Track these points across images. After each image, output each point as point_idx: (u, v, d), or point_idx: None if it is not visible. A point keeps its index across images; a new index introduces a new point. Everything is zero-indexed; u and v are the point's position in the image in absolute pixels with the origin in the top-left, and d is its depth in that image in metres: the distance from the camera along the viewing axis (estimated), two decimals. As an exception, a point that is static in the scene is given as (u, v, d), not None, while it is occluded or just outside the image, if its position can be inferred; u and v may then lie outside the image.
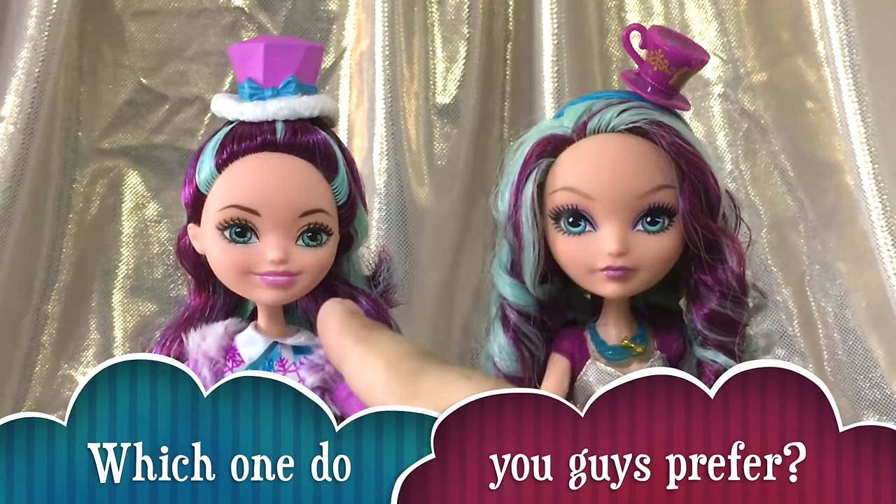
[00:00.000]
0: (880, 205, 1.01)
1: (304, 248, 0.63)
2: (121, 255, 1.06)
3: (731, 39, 1.11)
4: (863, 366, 1.05)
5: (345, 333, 0.32)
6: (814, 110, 1.09)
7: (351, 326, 0.32)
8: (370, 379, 0.30)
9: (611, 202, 0.63)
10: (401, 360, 0.30)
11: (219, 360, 0.64)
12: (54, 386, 1.03)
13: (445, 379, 0.29)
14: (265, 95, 0.64)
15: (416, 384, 0.29)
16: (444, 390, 0.29)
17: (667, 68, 0.64)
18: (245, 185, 0.62)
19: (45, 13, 0.99)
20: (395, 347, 0.31)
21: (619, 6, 1.12)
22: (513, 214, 0.65)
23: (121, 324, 1.05)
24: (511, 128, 1.08)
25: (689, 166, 0.63)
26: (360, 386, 0.31)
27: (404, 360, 0.30)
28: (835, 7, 1.02)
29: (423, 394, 0.29)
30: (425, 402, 0.29)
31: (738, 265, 0.64)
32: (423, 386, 0.29)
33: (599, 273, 0.64)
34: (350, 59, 1.08)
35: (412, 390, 0.29)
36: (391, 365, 0.30)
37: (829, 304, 1.07)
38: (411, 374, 0.30)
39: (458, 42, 1.09)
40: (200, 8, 1.08)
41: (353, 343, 0.32)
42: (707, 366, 0.66)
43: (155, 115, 1.07)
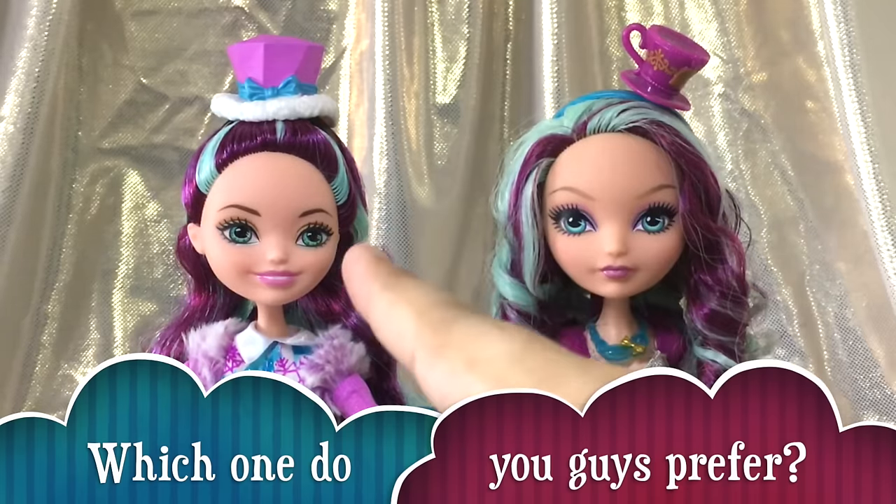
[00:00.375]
0: (880, 205, 1.01)
1: (304, 248, 0.63)
2: (121, 255, 1.06)
3: (731, 39, 1.11)
4: (863, 366, 1.05)
5: (371, 280, 0.30)
6: (814, 110, 1.09)
7: (378, 272, 0.31)
8: (399, 328, 0.29)
9: (611, 202, 0.63)
10: (431, 309, 0.29)
11: (219, 360, 0.64)
12: (54, 386, 1.03)
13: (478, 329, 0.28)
14: (265, 95, 0.64)
15: (448, 334, 0.28)
16: (477, 340, 0.28)
17: (667, 68, 0.64)
18: (245, 185, 0.62)
19: (45, 13, 0.99)
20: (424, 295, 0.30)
21: (619, 6, 1.12)
22: (513, 214, 0.65)
23: (121, 324, 1.05)
24: (511, 128, 1.08)
25: (689, 166, 0.63)
26: (389, 335, 0.30)
27: (435, 309, 0.29)
28: (835, 7, 1.02)
29: (454, 343, 0.28)
30: (456, 352, 0.28)
31: (738, 265, 0.64)
32: (455, 336, 0.28)
33: (599, 273, 0.64)
34: (350, 58, 1.08)
35: (443, 340, 0.28)
36: (421, 314, 0.29)
37: (829, 304, 1.07)
38: (442, 323, 0.28)
39: (458, 42, 1.09)
40: (200, 8, 1.08)
41: (380, 290, 0.30)
42: (707, 366, 0.66)
43: (155, 115, 1.07)
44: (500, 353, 0.27)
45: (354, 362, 0.64)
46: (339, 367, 0.64)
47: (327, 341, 0.65)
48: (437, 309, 0.29)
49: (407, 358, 0.29)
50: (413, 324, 0.29)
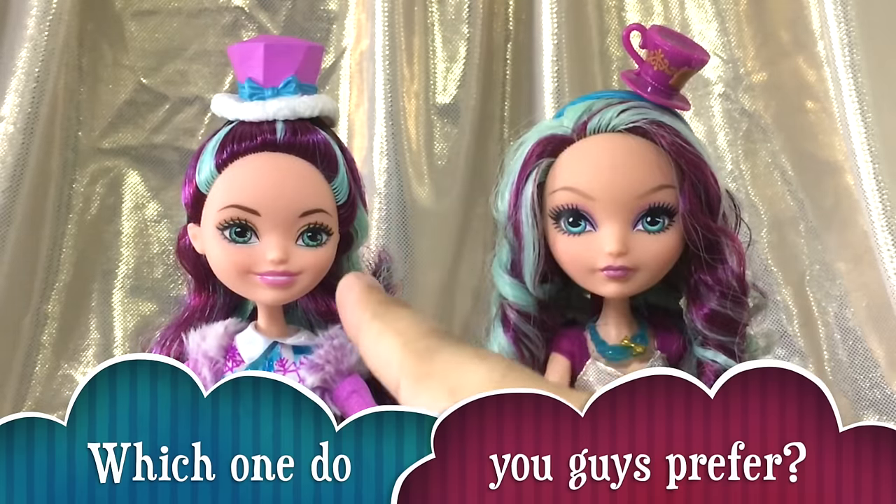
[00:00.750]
0: (880, 205, 1.01)
1: (304, 248, 0.63)
2: (121, 255, 1.06)
3: (731, 39, 1.11)
4: (863, 366, 1.05)
5: (362, 309, 0.32)
6: (814, 110, 1.09)
7: (369, 301, 0.32)
8: (385, 356, 0.30)
9: (611, 202, 0.63)
10: (417, 339, 0.30)
11: (219, 360, 0.64)
12: (54, 386, 1.03)
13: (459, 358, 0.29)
14: (265, 95, 0.64)
15: (431, 363, 0.29)
16: (458, 369, 0.29)
17: (667, 68, 0.64)
18: (245, 185, 0.62)
19: (45, 13, 0.99)
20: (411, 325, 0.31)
21: (619, 6, 1.12)
22: (513, 214, 0.65)
23: (121, 324, 1.05)
24: (511, 128, 1.08)
25: (689, 166, 0.63)
26: (376, 363, 0.31)
27: (420, 339, 0.30)
28: (835, 7, 1.02)
29: (436, 373, 0.29)
30: (439, 382, 0.29)
31: (738, 265, 0.64)
32: (437, 365, 0.29)
33: (599, 273, 0.64)
34: (350, 58, 1.08)
35: (426, 369, 0.29)
36: (406, 343, 0.30)
37: (829, 304, 1.07)
38: (427, 353, 0.29)
39: (458, 42, 1.09)
40: (200, 8, 1.08)
41: (370, 319, 0.31)
42: (707, 366, 0.66)
43: (155, 115, 1.07)
44: (480, 381, 0.28)
45: (354, 362, 0.64)
46: (339, 367, 0.64)
47: (327, 341, 0.65)
48: (423, 339, 0.30)
49: (393, 386, 0.30)
50: (399, 353, 0.30)
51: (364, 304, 0.32)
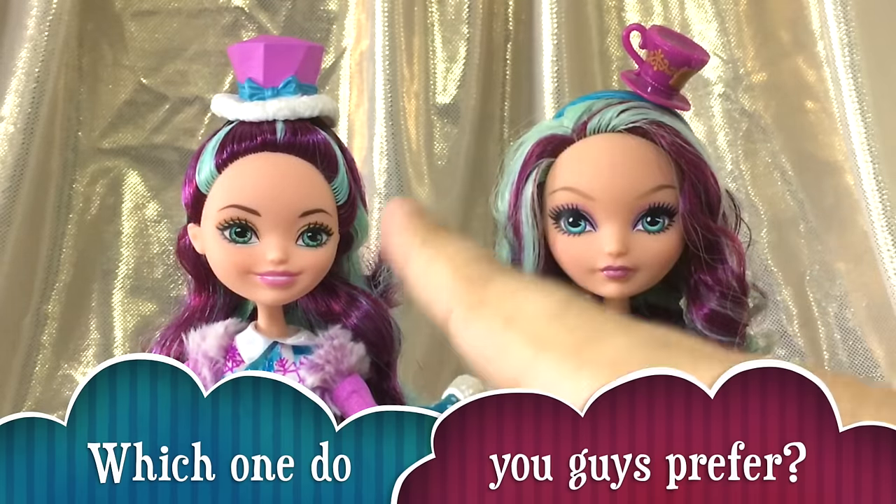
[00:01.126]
0: (880, 205, 1.01)
1: (304, 248, 0.63)
2: (121, 255, 1.06)
3: (731, 39, 1.11)
4: (863, 366, 1.05)
5: (411, 233, 0.30)
6: (814, 110, 1.09)
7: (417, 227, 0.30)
8: (436, 283, 0.29)
9: (611, 202, 0.63)
10: (468, 265, 0.29)
11: (219, 360, 0.64)
12: (54, 386, 1.03)
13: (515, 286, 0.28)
14: (265, 95, 0.64)
15: (484, 290, 0.28)
16: (514, 297, 0.28)
17: (667, 68, 0.64)
18: (245, 185, 0.62)
19: (45, 13, 0.99)
20: (463, 251, 0.29)
21: (619, 6, 1.12)
22: (513, 214, 0.65)
23: (121, 324, 1.05)
24: (511, 128, 1.08)
25: (689, 166, 0.63)
26: (425, 291, 0.29)
27: (472, 265, 0.29)
28: (835, 7, 1.02)
29: (491, 300, 0.28)
30: (494, 310, 0.27)
31: (738, 265, 0.64)
32: (492, 292, 0.28)
33: (599, 273, 0.64)
34: (350, 59, 1.09)
35: (480, 296, 0.28)
36: (458, 269, 0.29)
37: (829, 305, 1.07)
38: (480, 280, 0.28)
39: (458, 42, 1.09)
40: (200, 8, 1.08)
41: (419, 245, 0.30)
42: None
43: (155, 115, 1.07)
44: (538, 310, 0.27)
45: (354, 362, 0.64)
46: (339, 367, 0.64)
47: (327, 341, 0.65)
48: (475, 265, 0.29)
49: (442, 314, 0.29)
50: (450, 280, 0.29)
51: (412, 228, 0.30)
